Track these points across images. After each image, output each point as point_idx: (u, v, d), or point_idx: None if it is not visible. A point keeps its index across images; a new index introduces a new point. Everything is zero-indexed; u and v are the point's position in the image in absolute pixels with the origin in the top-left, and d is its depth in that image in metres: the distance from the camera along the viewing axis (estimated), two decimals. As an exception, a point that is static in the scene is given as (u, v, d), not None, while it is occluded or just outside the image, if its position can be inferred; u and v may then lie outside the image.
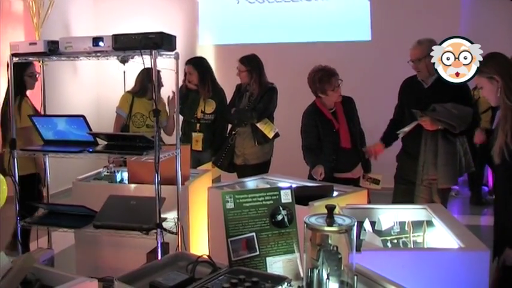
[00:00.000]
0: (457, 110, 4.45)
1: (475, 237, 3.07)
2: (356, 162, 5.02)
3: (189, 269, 2.34)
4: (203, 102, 6.06)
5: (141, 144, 3.87)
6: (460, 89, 4.36)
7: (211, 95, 6.06)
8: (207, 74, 6.10)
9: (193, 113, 6.09)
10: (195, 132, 6.06)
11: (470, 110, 4.51)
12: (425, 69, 4.65)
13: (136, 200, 3.99)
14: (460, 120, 4.44)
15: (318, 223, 2.16)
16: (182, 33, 8.86)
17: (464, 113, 4.45)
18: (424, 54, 4.55)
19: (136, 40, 3.72)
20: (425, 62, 4.54)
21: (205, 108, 6.06)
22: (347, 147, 4.96)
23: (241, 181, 4.71)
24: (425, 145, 4.64)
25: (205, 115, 6.08)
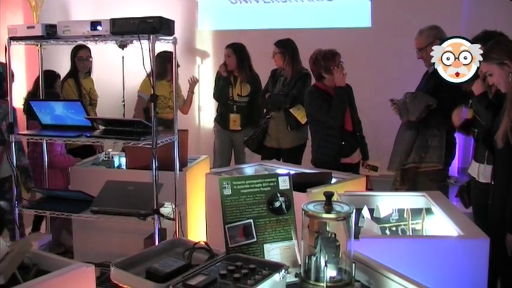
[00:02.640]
0: (410, 99, 4.63)
1: (474, 225, 3.07)
2: (355, 147, 5.00)
3: (186, 256, 2.32)
4: (240, 85, 6.40)
5: (138, 130, 3.86)
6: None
7: (247, 79, 6.39)
8: (245, 59, 6.39)
9: (224, 97, 6.50)
10: (233, 113, 6.44)
11: (427, 99, 4.59)
12: (426, 58, 4.68)
13: (134, 185, 3.97)
14: (404, 110, 4.64)
15: (316, 210, 2.15)
16: (181, 18, 8.80)
17: (416, 103, 4.59)
18: (426, 44, 4.71)
19: (135, 24, 3.69)
20: (427, 51, 4.60)
21: (242, 91, 6.40)
22: (349, 130, 4.94)
23: (239, 167, 4.70)
24: (397, 133, 4.88)
25: (241, 97, 6.41)
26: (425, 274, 2.55)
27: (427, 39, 4.75)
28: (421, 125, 4.63)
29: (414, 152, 4.64)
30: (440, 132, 4.65)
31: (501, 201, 3.32)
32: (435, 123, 4.63)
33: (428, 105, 4.57)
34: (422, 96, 4.64)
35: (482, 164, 3.93)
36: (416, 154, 4.64)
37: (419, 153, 4.63)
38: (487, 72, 3.42)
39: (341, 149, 4.93)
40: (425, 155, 4.62)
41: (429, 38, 4.75)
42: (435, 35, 4.75)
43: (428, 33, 4.78)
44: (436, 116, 4.62)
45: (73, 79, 6.03)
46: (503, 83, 3.31)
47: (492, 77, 3.38)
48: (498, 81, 3.34)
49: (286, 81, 5.90)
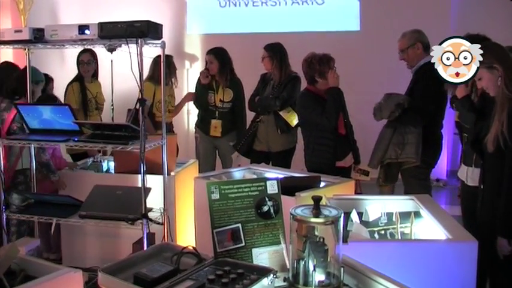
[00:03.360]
0: (384, 99, 4.79)
1: (462, 228, 3.07)
2: (348, 151, 5.00)
3: (174, 260, 2.31)
4: (222, 90, 6.29)
5: (126, 134, 3.84)
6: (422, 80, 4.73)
7: (228, 84, 6.28)
8: (226, 64, 6.29)
9: (204, 103, 6.36)
10: (214, 119, 6.34)
11: (398, 98, 4.71)
12: (408, 59, 4.93)
13: (122, 189, 3.96)
14: (378, 109, 4.79)
15: (304, 214, 2.15)
16: (170, 22, 8.80)
17: (388, 102, 4.73)
18: (408, 45, 4.89)
19: (122, 28, 3.68)
20: (408, 53, 4.89)
21: (224, 97, 6.29)
22: (342, 133, 4.95)
23: (228, 171, 4.69)
24: None
25: (224, 103, 6.30)
26: (414, 278, 2.56)
27: (409, 41, 4.89)
28: (397, 123, 4.73)
29: (391, 148, 4.75)
30: (417, 129, 4.72)
31: (490, 204, 3.33)
32: (409, 121, 4.72)
33: (399, 103, 4.67)
34: (395, 96, 4.78)
35: (471, 168, 3.96)
36: (392, 150, 4.75)
37: (395, 150, 4.74)
38: (476, 77, 3.43)
39: (335, 152, 4.93)
40: (400, 151, 4.72)
41: (411, 40, 4.89)
42: (417, 38, 4.90)
43: (411, 35, 4.92)
44: (408, 115, 4.71)
45: (78, 83, 6.00)
46: (492, 87, 3.32)
47: (481, 81, 3.38)
48: (487, 85, 3.35)
49: (275, 84, 5.89)
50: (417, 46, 4.86)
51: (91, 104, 5.98)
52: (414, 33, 4.92)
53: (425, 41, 4.90)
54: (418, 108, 4.68)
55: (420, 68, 4.83)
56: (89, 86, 6.05)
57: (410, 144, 4.70)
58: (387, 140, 4.77)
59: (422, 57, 4.85)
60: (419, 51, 4.87)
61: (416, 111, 4.69)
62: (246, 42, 6.71)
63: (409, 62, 4.94)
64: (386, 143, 4.76)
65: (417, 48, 4.86)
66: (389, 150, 4.75)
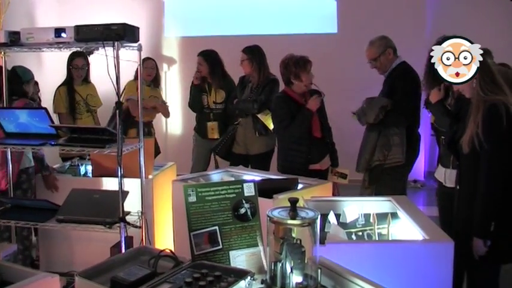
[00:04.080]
0: (367, 104, 4.81)
1: (439, 228, 3.10)
2: (324, 153, 5.02)
3: (151, 264, 2.31)
4: (214, 92, 6.31)
5: (104, 137, 3.82)
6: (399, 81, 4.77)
7: (221, 85, 6.30)
8: (216, 65, 6.31)
9: (198, 105, 6.39)
10: (210, 121, 6.36)
11: (381, 101, 4.75)
12: (380, 66, 4.94)
13: (100, 193, 3.94)
14: (362, 114, 4.81)
15: (280, 216, 2.15)
16: (147, 25, 8.78)
17: (372, 106, 4.75)
18: (378, 53, 4.90)
19: (99, 31, 3.66)
20: (380, 60, 4.90)
21: (216, 98, 6.31)
22: (318, 136, 4.96)
23: (206, 174, 4.69)
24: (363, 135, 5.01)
25: (217, 104, 6.32)
26: (392, 278, 2.58)
27: (379, 49, 4.90)
28: (381, 126, 4.76)
29: (378, 151, 4.77)
30: (400, 130, 4.77)
31: (466, 205, 3.35)
32: (392, 122, 4.76)
33: (383, 106, 4.71)
34: (378, 99, 4.81)
35: (448, 169, 4.00)
36: (379, 153, 4.77)
37: (382, 152, 4.76)
38: None
39: (309, 156, 4.93)
40: (388, 153, 4.75)
41: (381, 47, 4.90)
42: (386, 44, 4.92)
43: (380, 43, 4.93)
44: (392, 116, 4.74)
45: (65, 87, 5.94)
46: (467, 89, 3.35)
47: None
48: (463, 87, 3.38)
49: (254, 87, 5.90)
50: (388, 52, 4.88)
51: (79, 107, 5.91)
52: (382, 40, 4.94)
53: (393, 45, 4.95)
54: (402, 109, 4.73)
55: (393, 70, 4.88)
56: (79, 89, 5.97)
57: (396, 146, 4.75)
58: (373, 143, 4.80)
59: (393, 61, 4.90)
60: (391, 56, 4.90)
61: (401, 112, 4.73)
62: (224, 45, 6.70)
63: (381, 69, 4.96)
64: (373, 146, 4.79)
65: (388, 54, 4.89)
66: (376, 153, 4.78)
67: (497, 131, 3.17)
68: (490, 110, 3.18)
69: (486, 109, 3.20)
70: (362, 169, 4.87)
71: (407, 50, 5.36)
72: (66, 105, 5.86)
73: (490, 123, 3.18)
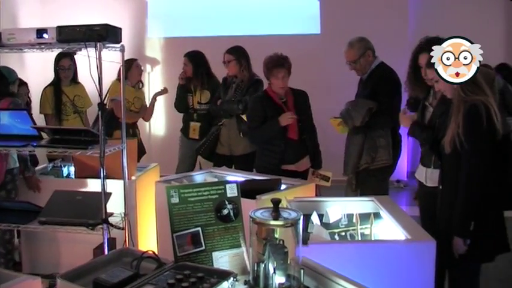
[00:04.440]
0: (352, 107, 4.78)
1: (421, 228, 3.11)
2: (302, 156, 5.03)
3: (134, 265, 2.31)
4: (199, 92, 6.34)
5: (86, 138, 3.80)
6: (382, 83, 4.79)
7: (206, 86, 6.32)
8: (200, 66, 6.33)
9: (183, 106, 6.45)
10: (193, 121, 6.40)
11: (367, 104, 4.74)
12: (360, 68, 4.95)
13: (82, 195, 3.92)
14: (348, 117, 4.78)
15: (263, 217, 2.16)
16: (130, 25, 8.75)
17: (358, 109, 4.74)
18: (358, 56, 4.90)
19: (81, 32, 3.64)
20: (360, 62, 4.91)
21: (201, 99, 6.33)
22: (293, 138, 4.97)
23: (189, 175, 4.67)
24: (346, 139, 5.03)
25: (201, 105, 6.34)
26: (374, 278, 2.58)
27: (358, 51, 4.90)
28: (366, 128, 4.76)
29: (365, 153, 4.79)
30: (385, 131, 4.80)
31: (449, 204, 3.38)
32: (379, 124, 4.78)
33: (369, 108, 4.71)
34: (363, 102, 4.80)
35: (429, 169, 4.01)
36: (367, 155, 4.78)
37: (370, 154, 4.77)
38: (434, 79, 3.48)
39: (283, 157, 4.97)
40: (375, 155, 4.77)
41: (360, 49, 4.91)
42: (365, 46, 4.93)
43: (359, 45, 4.92)
44: (379, 118, 4.75)
45: (52, 88, 5.91)
46: (449, 90, 3.38)
47: (438, 83, 3.44)
48: (444, 87, 3.41)
49: (239, 87, 5.89)
50: (368, 54, 4.89)
51: (65, 108, 5.87)
52: (362, 42, 4.94)
53: (372, 47, 4.96)
54: (387, 110, 4.74)
55: (373, 71, 4.90)
56: (66, 90, 5.93)
57: (383, 147, 4.77)
58: (359, 146, 4.81)
59: (372, 62, 4.92)
60: (370, 58, 4.91)
61: (386, 114, 4.75)
62: (207, 46, 6.69)
63: (361, 71, 4.97)
64: (359, 149, 4.80)
65: (368, 56, 4.90)
66: (364, 156, 4.79)
67: (477, 131, 3.19)
68: (470, 110, 3.21)
69: (466, 109, 3.22)
70: (350, 172, 4.87)
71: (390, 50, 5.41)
72: (52, 106, 5.84)
73: (470, 123, 3.21)
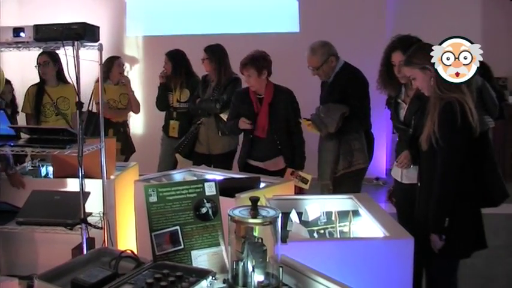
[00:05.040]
0: (325, 113, 4.72)
1: (399, 225, 3.13)
2: (270, 156, 5.06)
3: (112, 265, 2.29)
4: (179, 91, 6.35)
5: (64, 138, 3.78)
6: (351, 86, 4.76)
7: (185, 84, 6.34)
8: (180, 64, 6.35)
9: (163, 104, 6.48)
10: (172, 120, 6.43)
11: (339, 109, 4.70)
12: (323, 74, 4.92)
13: (60, 194, 3.90)
14: (322, 125, 4.72)
15: (241, 215, 2.16)
16: (108, 24, 8.71)
17: (331, 115, 4.69)
18: (321, 62, 4.84)
19: (58, 31, 3.61)
20: (323, 69, 4.86)
21: (180, 97, 6.35)
22: (260, 136, 5.02)
23: (168, 174, 4.67)
24: (319, 144, 4.99)
25: (181, 103, 6.36)
26: (353, 275, 2.60)
27: (321, 58, 4.84)
28: (340, 132, 4.73)
29: (342, 159, 4.76)
30: (359, 134, 4.81)
31: (426, 201, 3.41)
32: (352, 127, 4.77)
33: (343, 113, 4.68)
34: (335, 107, 4.73)
35: None
36: (344, 161, 4.76)
37: (346, 159, 4.76)
38: (411, 77, 3.51)
39: (250, 152, 5.15)
40: (352, 159, 4.74)
41: (323, 56, 4.84)
42: (328, 52, 4.86)
43: (322, 51, 4.85)
44: (352, 122, 4.74)
45: (35, 87, 5.81)
46: (426, 87, 3.40)
47: (416, 81, 3.47)
48: (421, 85, 3.43)
49: (217, 86, 5.90)
50: (330, 60, 4.83)
51: (45, 110, 5.75)
52: (324, 48, 4.87)
53: (335, 52, 4.90)
54: (360, 113, 4.75)
55: (338, 74, 4.86)
56: (51, 90, 5.76)
57: (358, 150, 4.76)
58: (335, 152, 4.78)
59: (336, 66, 4.87)
60: (333, 63, 4.85)
61: (359, 117, 4.76)
62: (186, 44, 6.68)
63: (324, 76, 4.94)
64: (335, 155, 4.77)
65: (331, 61, 4.84)
66: (341, 162, 4.76)
67: (451, 128, 3.22)
68: (445, 108, 3.23)
69: (441, 107, 3.25)
70: (328, 179, 4.83)
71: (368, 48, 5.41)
72: (32, 106, 5.75)
73: (444, 121, 3.24)
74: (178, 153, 6.17)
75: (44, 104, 5.76)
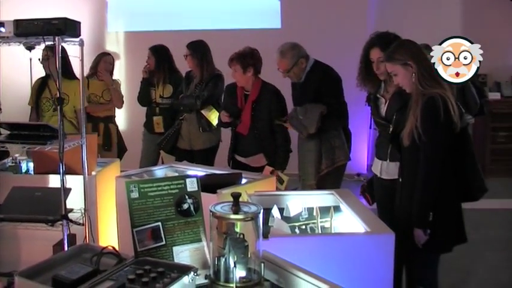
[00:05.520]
0: (303, 115, 4.74)
1: (380, 220, 3.15)
2: (252, 152, 5.08)
3: (94, 261, 2.29)
4: (161, 86, 6.35)
5: (45, 134, 3.76)
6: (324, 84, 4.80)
7: (168, 80, 6.34)
8: (163, 60, 6.35)
9: (145, 100, 6.47)
10: (155, 115, 6.41)
11: (317, 109, 4.72)
12: (294, 76, 4.92)
13: (41, 191, 3.87)
14: (302, 127, 4.76)
15: (223, 211, 2.16)
16: (89, 19, 8.69)
17: (309, 116, 4.72)
18: (291, 65, 4.84)
19: (39, 26, 3.59)
20: (293, 71, 4.86)
21: (163, 93, 6.34)
22: (242, 132, 5.08)
23: (150, 170, 4.66)
24: (298, 145, 5.04)
25: (163, 99, 6.35)
26: (335, 270, 2.60)
27: (291, 61, 4.84)
28: (320, 131, 4.76)
29: (324, 157, 4.79)
30: (338, 131, 4.85)
31: (408, 197, 3.43)
32: (332, 125, 4.81)
33: (321, 112, 4.70)
34: (312, 107, 4.75)
35: (385, 161, 4.04)
36: (327, 159, 4.78)
37: (329, 157, 4.78)
38: (392, 73, 3.53)
39: (235, 148, 5.25)
40: (334, 157, 4.76)
41: (293, 58, 4.84)
42: (298, 54, 4.86)
43: (291, 54, 4.84)
44: (331, 120, 4.77)
45: (40, 80, 5.80)
46: (407, 83, 3.43)
47: (397, 77, 3.48)
48: (402, 81, 3.45)
49: (198, 82, 5.90)
50: (300, 62, 4.85)
51: (42, 104, 5.73)
52: (294, 51, 4.86)
53: (305, 53, 4.89)
54: (337, 111, 4.79)
55: (309, 74, 4.88)
56: (53, 85, 5.57)
57: (339, 147, 4.80)
58: (317, 151, 4.81)
59: (306, 67, 4.88)
60: (304, 65, 4.86)
61: (337, 115, 4.79)
62: (168, 40, 6.66)
63: (295, 78, 4.94)
64: (317, 155, 4.80)
65: (301, 63, 4.85)
66: (324, 160, 4.79)
67: (434, 123, 3.25)
68: (428, 103, 3.26)
69: (424, 102, 3.28)
70: (312, 179, 4.85)
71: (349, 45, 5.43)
72: (34, 99, 5.76)
73: (427, 116, 3.26)
74: (161, 148, 6.18)
75: (42, 98, 5.74)
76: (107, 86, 6.43)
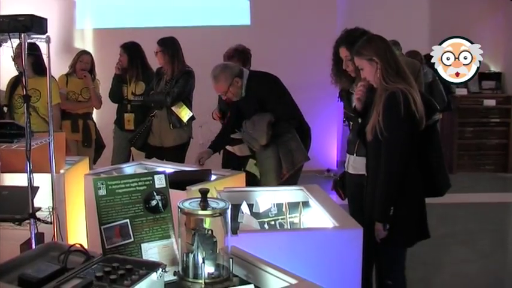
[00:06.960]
0: (251, 128, 4.72)
1: (348, 215, 3.17)
2: (236, 141, 5.11)
3: (61, 259, 2.27)
4: (134, 84, 6.32)
5: (12, 132, 3.72)
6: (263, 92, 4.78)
7: (140, 77, 6.31)
8: (136, 57, 6.33)
9: (117, 96, 6.42)
10: (127, 112, 6.39)
11: (264, 119, 4.69)
12: (233, 96, 4.83)
13: (8, 189, 3.83)
14: (252, 140, 4.73)
15: (191, 207, 2.17)
16: (57, 16, 8.59)
17: (258, 128, 4.69)
18: (227, 87, 4.75)
19: (5, 23, 3.54)
20: (230, 91, 4.77)
21: (135, 90, 6.31)
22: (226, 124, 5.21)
23: (119, 167, 4.64)
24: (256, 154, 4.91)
25: (136, 96, 6.32)
26: (303, 265, 2.62)
27: (226, 83, 4.75)
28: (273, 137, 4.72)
29: (284, 161, 4.73)
30: (292, 133, 4.78)
31: (372, 191, 3.47)
32: (283, 130, 4.77)
33: (269, 121, 4.67)
34: (259, 119, 4.72)
35: (352, 156, 4.07)
36: (286, 162, 4.73)
37: (288, 161, 4.74)
38: (359, 67, 3.56)
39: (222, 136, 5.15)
40: (293, 159, 4.74)
41: (228, 80, 4.74)
42: (232, 74, 4.76)
43: (224, 76, 4.74)
44: (281, 126, 4.75)
45: (13, 78, 5.73)
46: (372, 78, 3.46)
47: (363, 71, 3.52)
48: (368, 76, 3.49)
49: (168, 79, 5.90)
50: (235, 81, 4.75)
51: (13, 101, 5.69)
52: (225, 73, 4.75)
53: (236, 72, 4.79)
54: (284, 114, 4.78)
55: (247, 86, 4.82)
56: None
57: (296, 149, 4.75)
58: (276, 157, 4.76)
59: (243, 83, 4.80)
60: (239, 83, 4.77)
61: (285, 118, 4.78)
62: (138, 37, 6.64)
63: (235, 97, 4.84)
64: (277, 159, 4.77)
65: (236, 82, 4.75)
66: (284, 165, 4.74)
67: (394, 119, 3.27)
68: (389, 98, 3.29)
69: (385, 97, 3.31)
70: (277, 184, 4.82)
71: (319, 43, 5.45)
72: (7, 97, 5.72)
73: (388, 111, 3.29)
74: (132, 145, 6.18)
75: (15, 95, 5.69)
76: (86, 85, 6.42)
